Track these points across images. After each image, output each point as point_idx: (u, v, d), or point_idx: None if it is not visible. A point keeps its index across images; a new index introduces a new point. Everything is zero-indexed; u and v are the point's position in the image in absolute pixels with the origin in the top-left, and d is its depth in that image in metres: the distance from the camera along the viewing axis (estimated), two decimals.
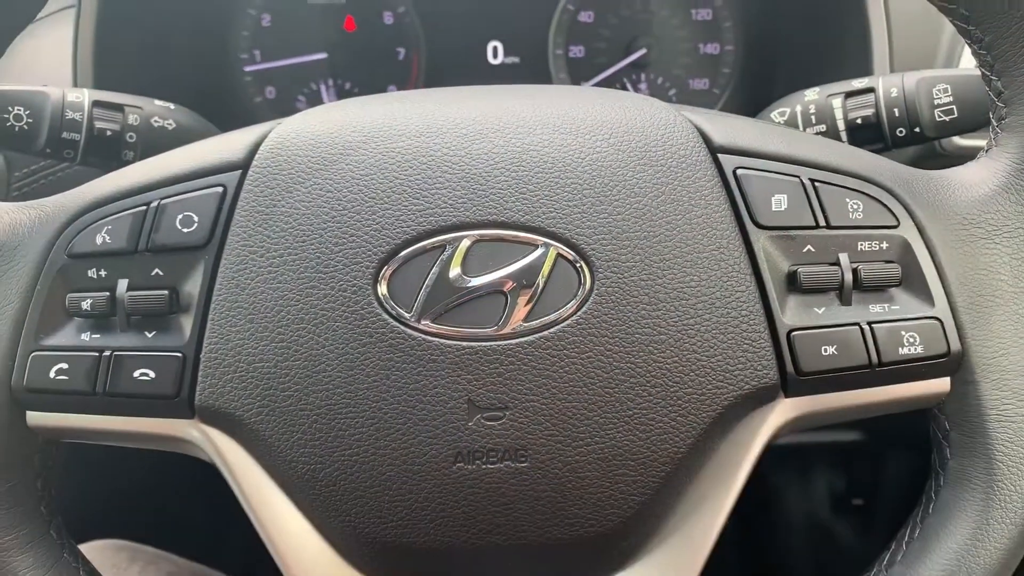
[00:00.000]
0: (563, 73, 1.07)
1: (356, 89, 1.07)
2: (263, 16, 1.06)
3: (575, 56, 1.07)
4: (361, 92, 1.07)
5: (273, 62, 1.06)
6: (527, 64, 1.07)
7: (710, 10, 1.06)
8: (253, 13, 1.05)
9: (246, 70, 1.06)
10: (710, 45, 1.07)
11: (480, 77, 1.07)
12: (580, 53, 1.07)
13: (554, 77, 1.07)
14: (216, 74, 1.05)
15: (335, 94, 1.07)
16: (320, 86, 1.07)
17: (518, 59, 1.07)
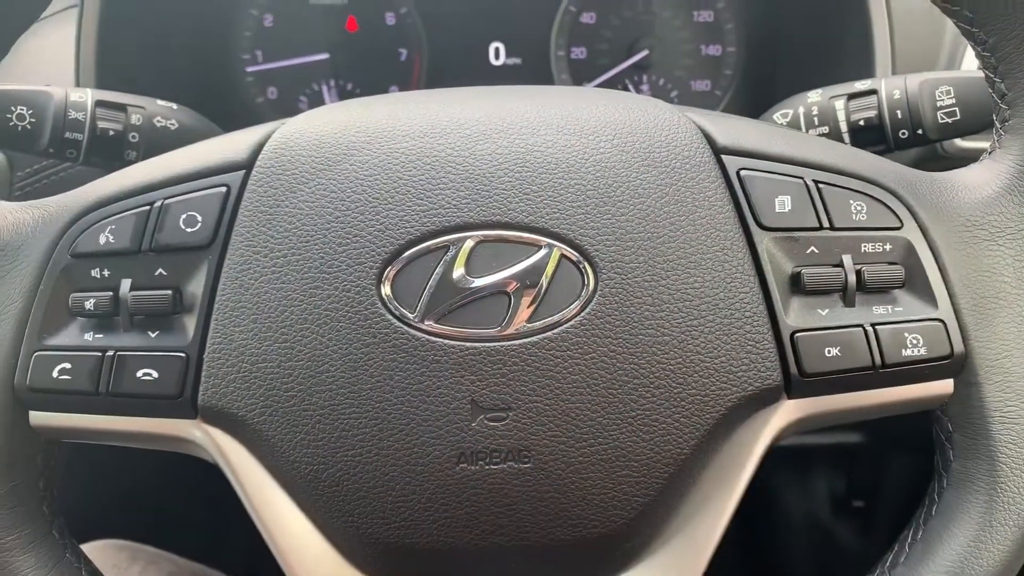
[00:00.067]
0: (565, 74, 1.07)
1: (358, 90, 1.07)
2: (265, 16, 1.06)
3: (577, 57, 1.07)
4: (363, 93, 1.07)
5: (275, 63, 1.06)
6: (529, 65, 1.07)
7: (712, 12, 1.06)
8: (255, 13, 1.05)
9: (248, 70, 1.06)
10: (712, 47, 1.07)
11: (482, 78, 1.07)
12: (582, 54, 1.07)
13: (556, 78, 1.07)
14: (218, 74, 1.05)
15: (337, 95, 1.07)
16: (322, 87, 1.07)
17: (520, 60, 1.07)
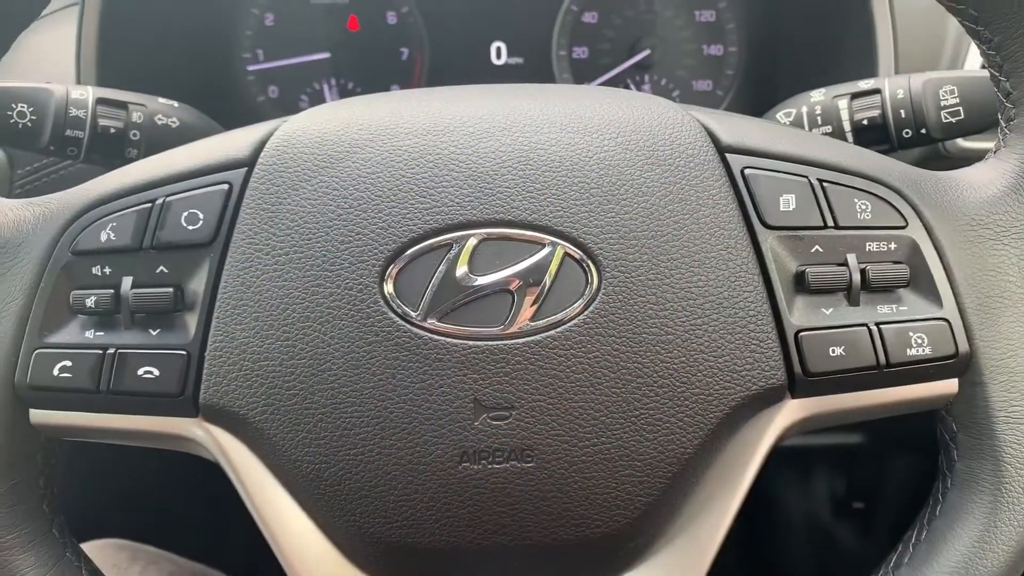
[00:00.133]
0: (566, 74, 1.07)
1: (359, 89, 1.07)
2: (266, 15, 1.05)
3: (579, 57, 1.07)
4: (364, 92, 1.06)
5: (276, 61, 1.06)
6: (530, 65, 1.07)
7: (714, 11, 1.06)
8: (256, 12, 1.05)
9: (249, 69, 1.06)
10: (714, 47, 1.07)
11: (483, 78, 1.07)
12: (584, 54, 1.07)
13: (557, 78, 1.07)
14: (219, 73, 1.05)
15: (338, 94, 1.07)
16: (323, 86, 1.06)
17: (521, 60, 1.07)
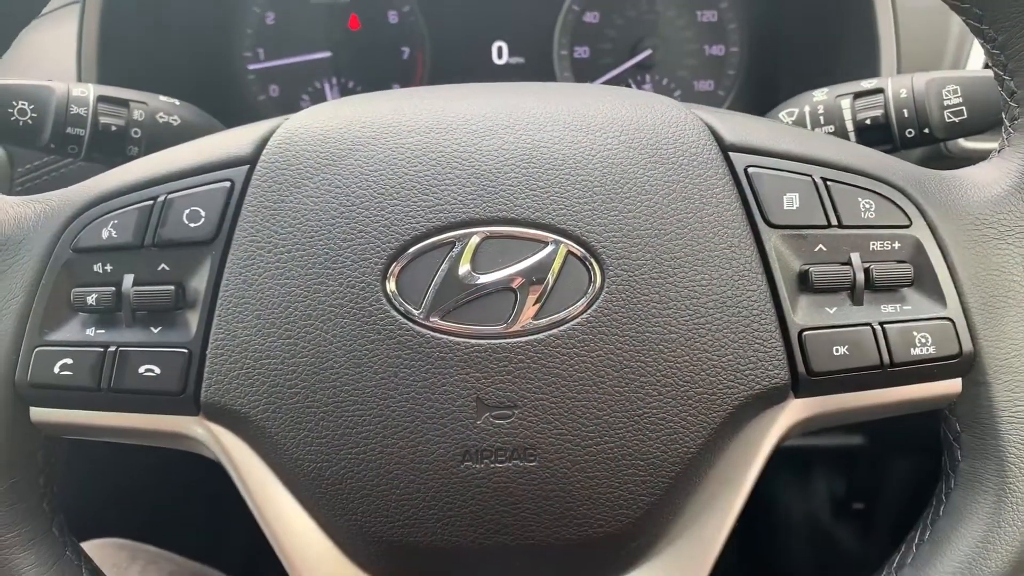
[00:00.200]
0: (568, 74, 1.07)
1: (360, 88, 1.07)
2: (267, 14, 1.05)
3: (580, 57, 1.07)
4: (365, 91, 1.06)
5: (277, 60, 1.06)
6: (532, 64, 1.07)
7: (715, 12, 1.06)
8: (257, 11, 1.05)
9: (250, 68, 1.06)
10: (715, 47, 1.07)
11: (484, 77, 1.06)
12: (585, 54, 1.07)
13: (559, 78, 1.07)
14: (219, 72, 1.05)
15: (339, 93, 1.07)
16: (324, 85, 1.06)
17: (523, 59, 1.07)
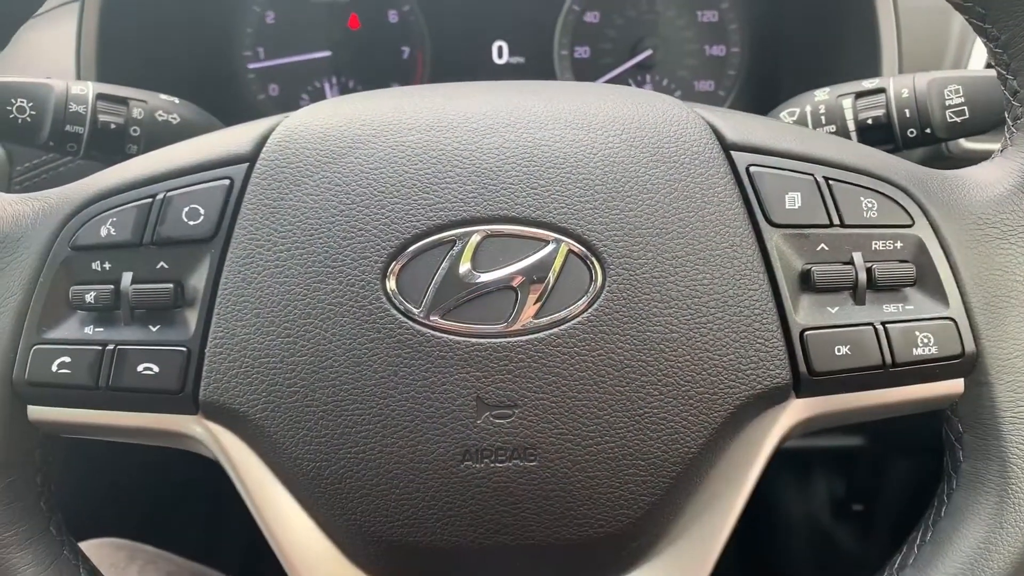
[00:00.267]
0: (568, 74, 1.07)
1: (360, 87, 1.07)
2: (267, 13, 1.05)
3: (580, 57, 1.07)
4: (365, 91, 1.06)
5: (277, 60, 1.06)
6: (532, 64, 1.07)
7: (716, 12, 1.06)
8: (257, 10, 1.05)
9: (249, 67, 1.06)
10: (716, 47, 1.07)
11: (484, 77, 1.06)
12: (585, 54, 1.07)
13: (559, 77, 1.07)
14: (219, 71, 1.05)
15: (339, 92, 1.06)
16: (324, 84, 1.06)
17: (523, 59, 1.07)
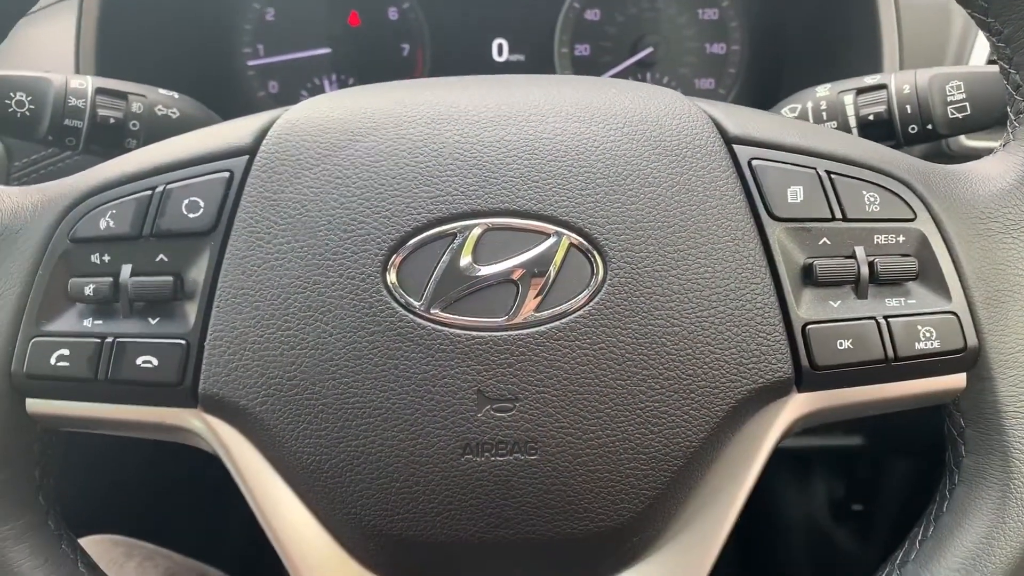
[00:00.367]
0: (568, 71, 1.07)
1: (359, 85, 1.07)
2: (267, 10, 1.05)
3: (580, 54, 1.07)
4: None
5: (276, 56, 1.06)
6: (532, 62, 1.06)
7: (717, 9, 1.06)
8: (257, 7, 1.05)
9: (249, 64, 1.06)
10: (716, 45, 1.07)
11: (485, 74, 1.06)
12: (586, 51, 1.07)
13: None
14: (219, 68, 1.05)
15: (338, 89, 1.06)
16: (323, 81, 1.06)
17: (523, 57, 1.07)
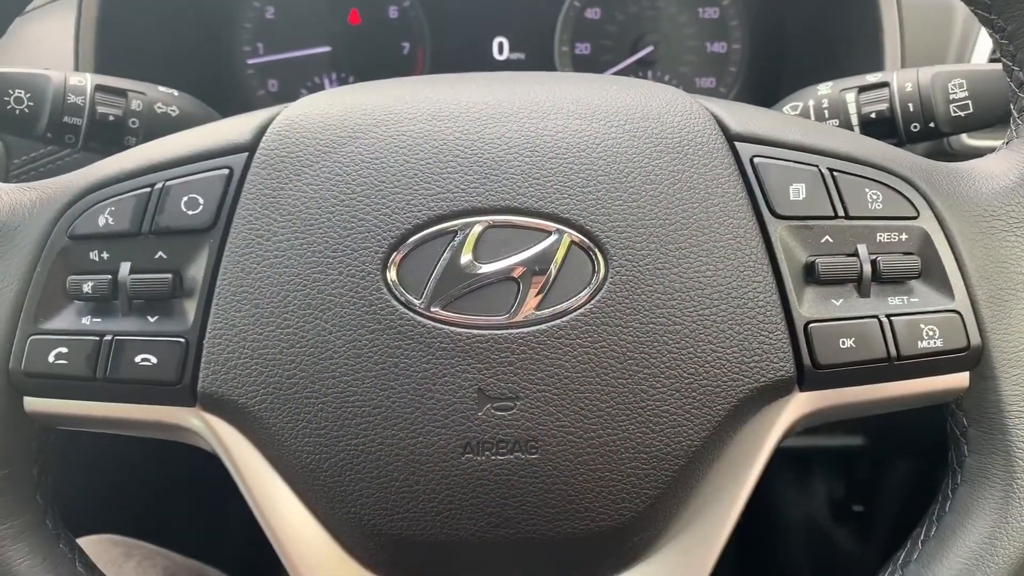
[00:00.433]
0: (569, 70, 1.06)
1: None
2: (267, 8, 1.05)
3: (581, 53, 1.06)
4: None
5: (276, 55, 1.05)
6: (532, 61, 1.06)
7: (717, 8, 1.06)
8: (257, 5, 1.05)
9: (249, 63, 1.05)
10: (717, 43, 1.06)
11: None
12: (586, 50, 1.06)
13: None
14: (218, 66, 1.04)
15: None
16: (323, 80, 1.06)
17: (523, 55, 1.06)
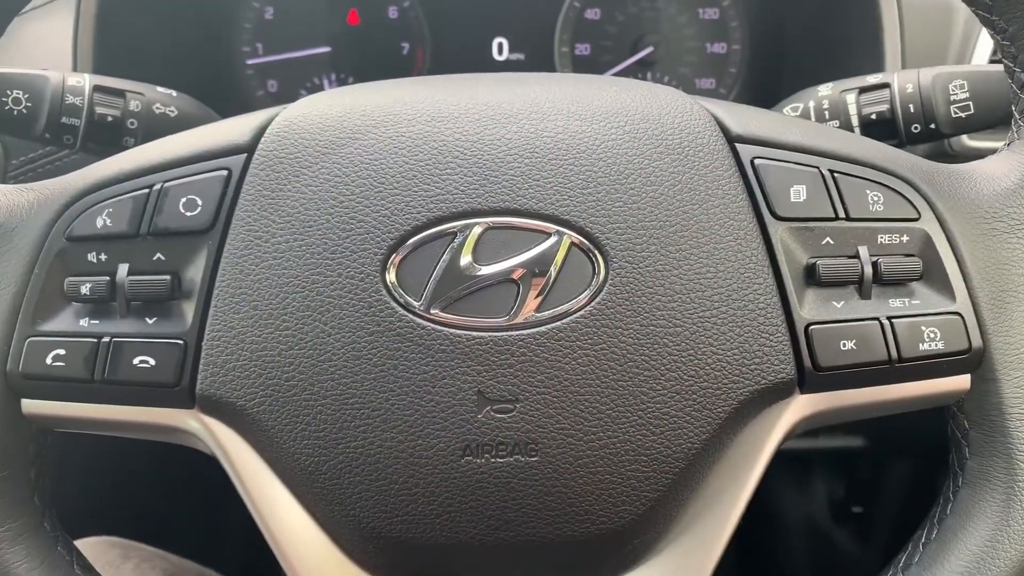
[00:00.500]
0: (568, 71, 1.06)
1: None
2: (266, 9, 1.05)
3: (581, 54, 1.06)
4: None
5: (275, 55, 1.05)
6: (532, 61, 1.06)
7: (717, 9, 1.06)
8: (256, 5, 1.04)
9: (248, 63, 1.05)
10: (717, 44, 1.06)
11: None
12: (586, 51, 1.06)
13: None
14: (217, 67, 1.04)
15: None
16: (323, 80, 1.06)
17: (523, 56, 1.06)
